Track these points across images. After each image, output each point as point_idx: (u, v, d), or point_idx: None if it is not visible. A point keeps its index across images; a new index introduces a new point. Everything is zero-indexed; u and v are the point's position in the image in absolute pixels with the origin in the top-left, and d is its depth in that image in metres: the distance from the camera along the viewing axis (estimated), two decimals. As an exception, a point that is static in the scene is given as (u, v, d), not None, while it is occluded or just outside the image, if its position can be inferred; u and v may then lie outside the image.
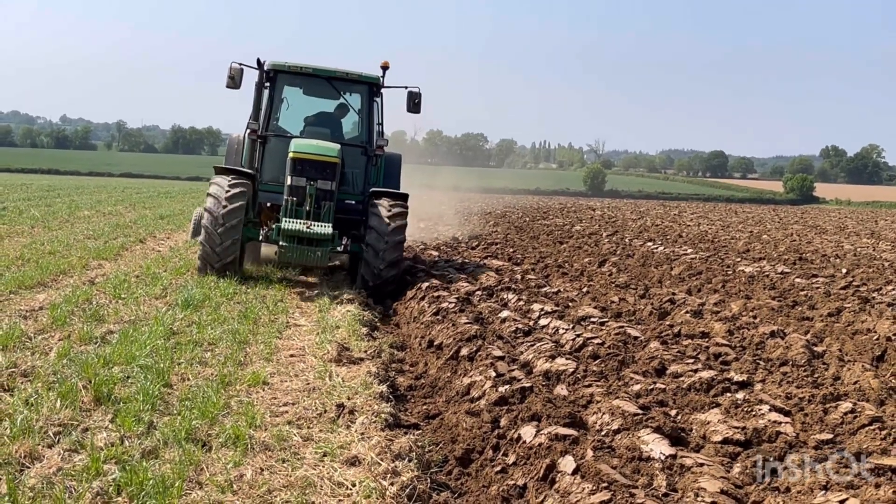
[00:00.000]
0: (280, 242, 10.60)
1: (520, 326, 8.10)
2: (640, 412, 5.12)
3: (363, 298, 10.37)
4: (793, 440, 4.77)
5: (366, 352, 7.41)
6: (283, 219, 10.76)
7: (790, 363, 6.82)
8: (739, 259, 15.85)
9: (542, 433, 4.79)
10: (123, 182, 59.56)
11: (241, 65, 11.56)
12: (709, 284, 12.05)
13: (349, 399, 5.83)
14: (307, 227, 10.56)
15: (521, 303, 9.54)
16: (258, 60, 11.76)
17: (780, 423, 4.99)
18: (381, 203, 11.09)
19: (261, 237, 11.45)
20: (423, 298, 9.89)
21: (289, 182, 11.06)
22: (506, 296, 10.09)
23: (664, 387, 5.91)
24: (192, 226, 15.22)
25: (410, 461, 4.71)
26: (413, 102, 12.24)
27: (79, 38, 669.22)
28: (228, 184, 10.65)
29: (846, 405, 5.26)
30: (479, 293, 10.24)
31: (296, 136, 11.86)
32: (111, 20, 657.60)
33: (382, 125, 12.22)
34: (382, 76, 12.09)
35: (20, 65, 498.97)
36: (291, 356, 7.22)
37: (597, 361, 6.80)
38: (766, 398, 5.53)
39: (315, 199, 10.98)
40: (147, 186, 49.61)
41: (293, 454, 4.79)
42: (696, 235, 23.11)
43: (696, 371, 6.33)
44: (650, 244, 18.77)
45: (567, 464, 4.33)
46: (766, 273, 13.24)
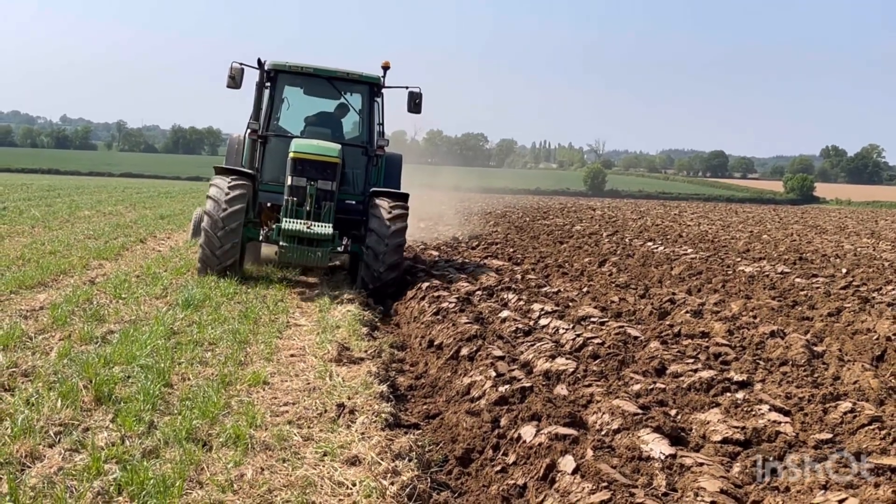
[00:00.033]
0: (280, 242, 10.60)
1: (520, 326, 8.10)
2: (640, 412, 5.12)
3: (363, 298, 10.38)
4: (792, 440, 4.78)
5: (366, 352, 7.42)
6: (284, 219, 10.76)
7: (790, 363, 6.83)
8: (739, 259, 15.85)
9: (542, 433, 4.80)
10: (124, 182, 59.56)
11: (242, 65, 11.56)
12: (709, 284, 12.05)
13: (349, 399, 5.84)
14: (307, 228, 10.56)
15: (522, 303, 9.55)
16: (259, 60, 11.75)
17: (780, 423, 4.99)
18: (382, 204, 11.07)
19: (261, 237, 11.43)
20: (424, 298, 9.90)
21: (289, 182, 11.06)
22: (506, 296, 10.09)
23: (664, 386, 5.91)
24: (193, 226, 15.23)
25: (411, 461, 4.72)
26: (414, 102, 12.24)
27: (79, 38, 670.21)
28: (228, 186, 10.64)
29: (846, 405, 5.27)
30: (480, 293, 10.25)
31: (296, 136, 11.86)
32: (111, 20, 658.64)
33: (383, 125, 12.22)
34: (383, 76, 12.09)
35: (20, 65, 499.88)
36: (292, 356, 7.23)
37: (597, 361, 6.81)
38: (766, 398, 5.53)
39: (315, 200, 10.97)
40: (147, 186, 49.63)
41: (293, 454, 4.79)
42: (697, 235, 23.12)
43: (696, 371, 6.33)
44: (650, 244, 18.78)
45: (567, 463, 4.33)
46: (766, 273, 13.25)
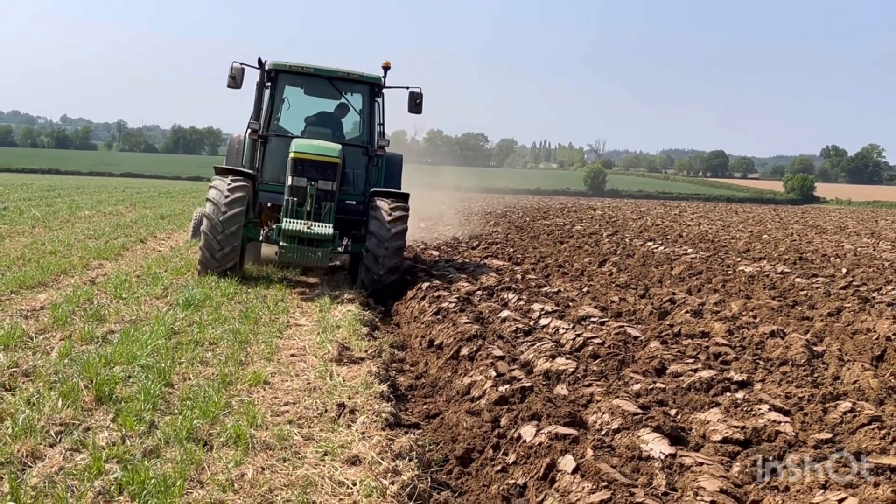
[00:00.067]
0: (280, 243, 10.59)
1: (520, 326, 8.11)
2: (640, 411, 5.13)
3: (364, 298, 10.38)
4: (792, 439, 4.78)
5: (366, 351, 7.42)
6: (284, 219, 10.75)
7: (790, 363, 6.83)
8: (739, 259, 15.86)
9: (543, 432, 4.81)
10: (124, 182, 59.56)
11: (243, 64, 11.54)
12: (709, 284, 12.06)
13: (350, 398, 5.84)
14: (308, 228, 10.55)
15: (522, 302, 9.55)
16: (259, 60, 11.74)
17: (780, 423, 5.00)
18: (382, 206, 11.03)
19: (261, 237, 11.39)
20: (424, 298, 9.90)
21: (289, 182, 11.05)
22: (506, 295, 10.10)
23: (664, 386, 5.92)
24: (193, 225, 15.24)
25: (411, 460, 4.72)
26: (414, 103, 12.23)
27: (79, 38, 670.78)
28: (227, 188, 10.60)
29: (845, 405, 5.27)
30: (480, 293, 10.26)
31: (297, 136, 11.86)
32: (111, 20, 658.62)
33: (384, 125, 12.21)
34: (384, 76, 12.08)
35: (21, 65, 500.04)
36: (292, 356, 7.24)
37: (597, 361, 6.81)
38: (766, 398, 5.54)
39: (316, 200, 10.96)
40: (147, 186, 49.64)
41: (294, 453, 4.80)
42: (697, 235, 23.12)
43: (696, 371, 6.34)
44: (650, 244, 18.78)
45: (567, 463, 4.34)
46: (766, 273, 13.25)
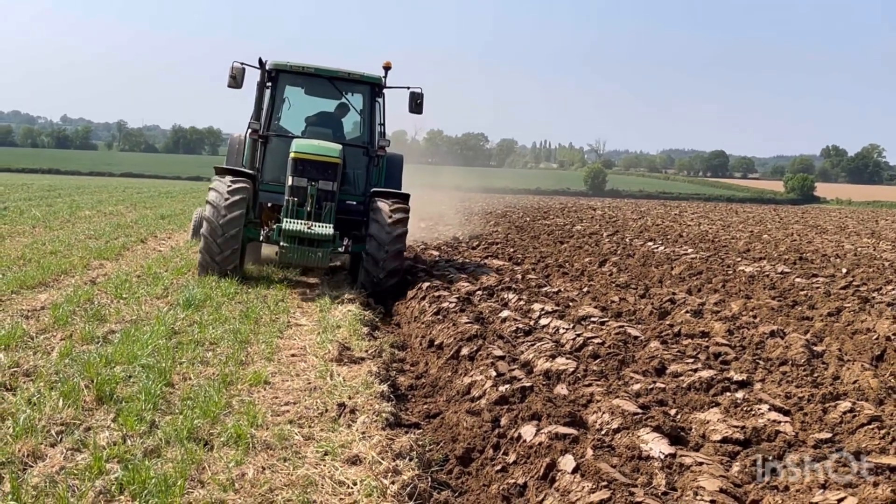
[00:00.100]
0: (281, 243, 10.58)
1: (520, 326, 8.12)
2: (640, 411, 5.13)
3: (364, 298, 10.38)
4: (792, 439, 4.79)
5: (367, 351, 7.43)
6: (284, 219, 10.74)
7: (790, 363, 6.84)
8: (740, 259, 15.86)
9: (543, 432, 4.81)
10: (124, 182, 59.56)
11: (243, 64, 11.52)
12: (709, 284, 12.06)
13: (350, 398, 5.85)
14: (308, 228, 10.54)
15: (522, 302, 9.56)
16: (260, 60, 11.72)
17: (780, 423, 5.01)
18: (382, 208, 10.99)
19: (261, 237, 11.37)
20: (424, 298, 9.91)
21: (290, 182, 11.03)
22: (506, 295, 10.10)
23: (664, 386, 5.93)
24: (193, 226, 15.25)
25: (411, 460, 4.73)
26: (415, 103, 12.21)
27: (79, 38, 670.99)
28: (227, 191, 10.56)
29: (845, 404, 5.28)
30: (480, 293, 10.26)
31: (297, 136, 11.85)
32: (111, 20, 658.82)
33: (384, 125, 12.20)
34: (384, 76, 12.07)
35: (21, 65, 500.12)
36: (293, 356, 7.24)
37: (597, 361, 6.82)
38: (766, 397, 5.55)
39: (316, 200, 10.94)
40: (148, 186, 49.65)
41: (294, 453, 4.81)
42: (697, 235, 23.12)
43: (696, 370, 6.35)
44: (651, 244, 18.79)
45: (567, 463, 4.34)
46: (767, 273, 13.26)
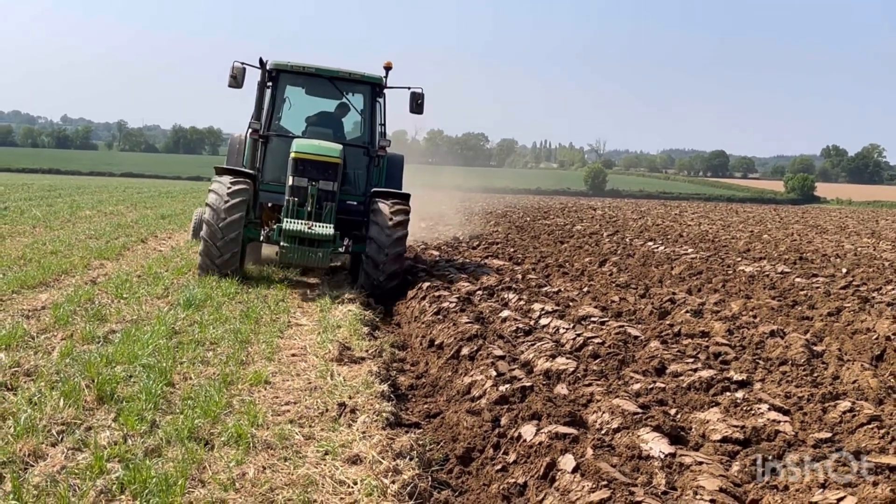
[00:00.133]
0: (281, 243, 10.58)
1: (520, 326, 8.12)
2: (640, 411, 5.14)
3: (364, 298, 10.38)
4: (792, 439, 4.80)
5: (367, 351, 7.44)
6: (285, 219, 10.73)
7: (790, 362, 6.85)
8: (740, 259, 15.87)
9: (543, 432, 4.82)
10: (124, 182, 59.56)
11: (244, 64, 11.51)
12: (709, 284, 12.07)
13: (350, 398, 5.86)
14: (308, 228, 10.53)
15: (522, 302, 9.57)
16: (260, 60, 11.71)
17: (780, 422, 5.01)
18: (383, 209, 10.95)
19: (262, 238, 11.38)
20: (424, 298, 9.91)
21: (290, 182, 11.03)
22: (506, 295, 10.11)
23: (664, 386, 5.94)
24: (193, 226, 15.27)
25: (411, 460, 4.74)
26: (416, 103, 12.19)
27: (79, 38, 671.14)
28: (227, 193, 10.54)
29: (845, 404, 5.29)
30: (480, 293, 10.27)
31: (298, 136, 11.84)
32: (111, 20, 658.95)
33: (385, 126, 12.19)
34: (385, 76, 12.07)
35: (21, 65, 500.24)
36: (293, 355, 7.25)
37: (597, 361, 6.83)
38: (766, 397, 5.56)
39: (317, 200, 10.94)
40: (148, 186, 49.65)
41: (295, 453, 4.82)
42: (697, 235, 23.13)
43: (696, 370, 6.35)
44: (651, 244, 18.79)
45: (567, 462, 4.35)
46: (767, 273, 13.26)
